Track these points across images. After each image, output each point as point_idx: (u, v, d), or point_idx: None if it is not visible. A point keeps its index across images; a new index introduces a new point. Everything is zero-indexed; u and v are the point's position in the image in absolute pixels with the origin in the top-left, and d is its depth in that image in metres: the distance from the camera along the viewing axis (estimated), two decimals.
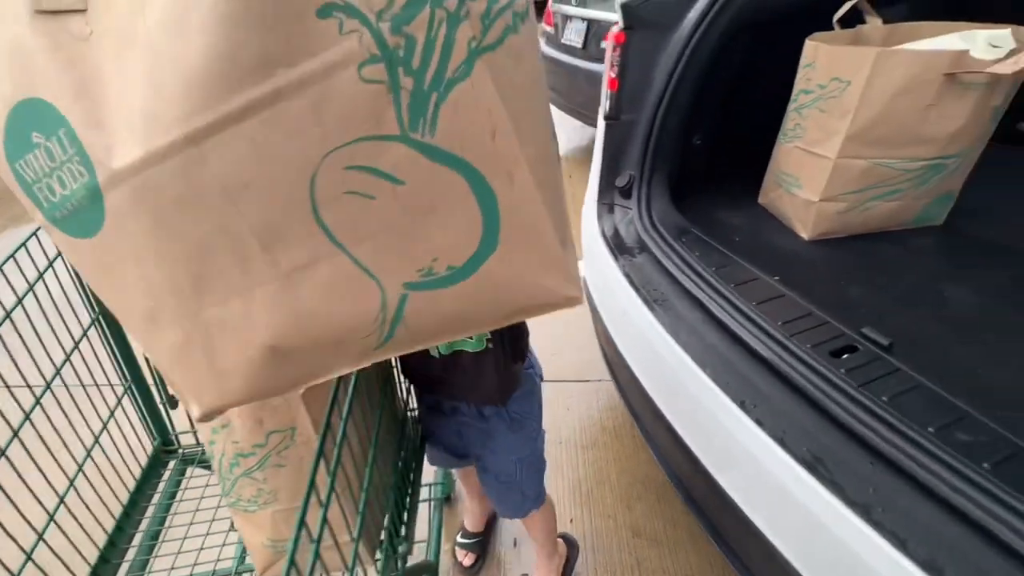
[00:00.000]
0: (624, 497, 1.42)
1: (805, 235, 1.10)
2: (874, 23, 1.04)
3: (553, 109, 4.03)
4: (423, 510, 1.17)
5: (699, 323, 0.91)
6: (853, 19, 1.07)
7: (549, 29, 3.39)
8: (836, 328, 0.84)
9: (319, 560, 0.44)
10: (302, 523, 0.40)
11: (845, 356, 0.79)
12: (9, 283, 0.69)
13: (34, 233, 0.74)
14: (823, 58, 0.95)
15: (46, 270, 0.77)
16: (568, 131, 3.88)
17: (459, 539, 1.28)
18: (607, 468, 1.50)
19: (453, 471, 1.30)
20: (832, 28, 1.04)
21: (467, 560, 1.24)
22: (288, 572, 0.36)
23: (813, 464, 0.69)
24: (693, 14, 1.05)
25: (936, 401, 0.71)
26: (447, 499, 1.38)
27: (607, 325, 1.18)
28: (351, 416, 0.56)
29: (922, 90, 0.87)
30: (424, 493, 1.20)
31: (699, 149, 1.26)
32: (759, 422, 0.75)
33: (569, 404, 1.71)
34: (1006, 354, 0.82)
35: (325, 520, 0.47)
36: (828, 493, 0.66)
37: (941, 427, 0.67)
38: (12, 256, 0.71)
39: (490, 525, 1.32)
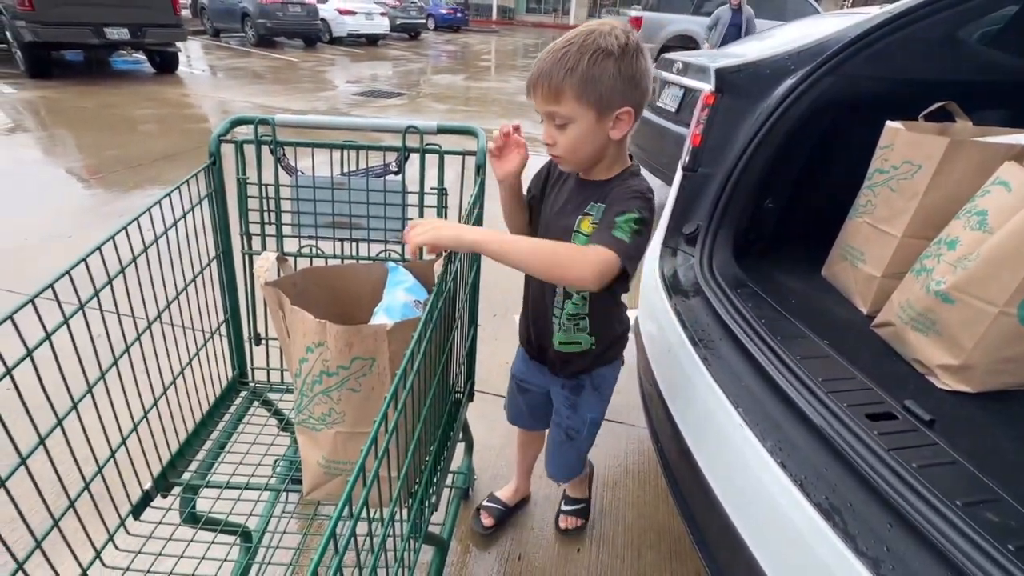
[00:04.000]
0: (636, 542, 1.41)
1: (864, 309, 1.11)
2: (964, 124, 1.08)
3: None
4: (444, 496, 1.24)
5: (739, 366, 0.95)
6: (942, 118, 1.11)
7: None
8: (878, 396, 0.85)
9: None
10: (375, 438, 0.48)
11: (882, 421, 0.80)
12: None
13: (175, 189, 0.93)
14: (900, 141, 1.00)
15: (184, 215, 0.96)
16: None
17: (485, 502, 1.37)
18: (624, 510, 1.49)
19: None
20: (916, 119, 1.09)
21: (487, 520, 1.35)
22: (353, 482, 0.43)
23: (830, 512, 0.70)
24: (782, 88, 1.14)
25: (969, 479, 0.71)
26: (465, 494, 1.43)
27: (649, 359, 1.22)
28: (422, 364, 0.65)
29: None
30: (447, 480, 1.27)
31: (770, 212, 1.31)
32: (783, 465, 0.78)
33: (599, 441, 1.72)
34: None
35: (387, 448, 0.54)
36: (840, 542, 0.67)
37: (970, 503, 0.66)
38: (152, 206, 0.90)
39: (519, 506, 1.42)
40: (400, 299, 0.83)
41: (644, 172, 0.91)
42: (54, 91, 5.92)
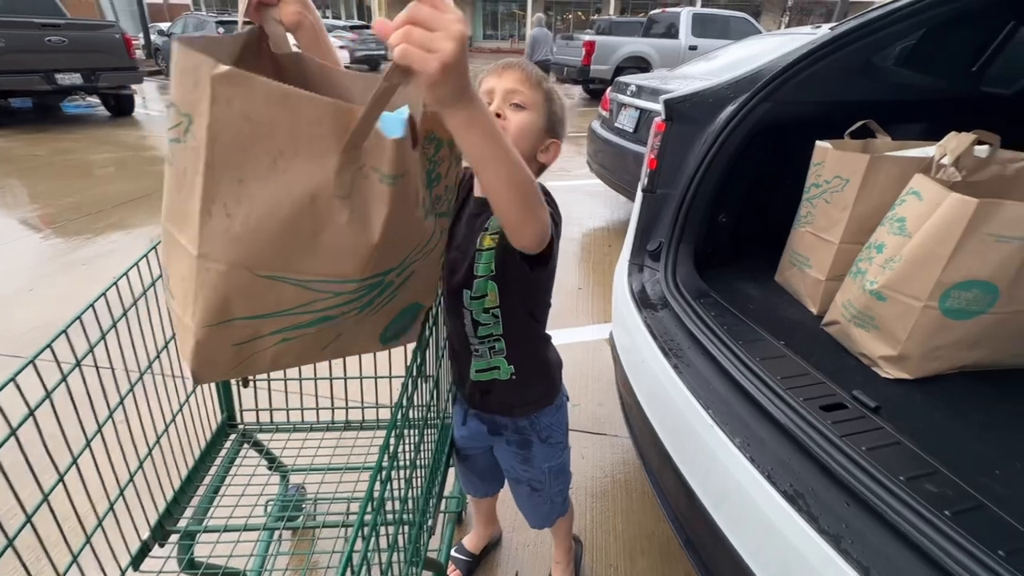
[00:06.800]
0: (628, 549, 1.46)
1: (814, 310, 1.22)
2: (883, 139, 1.21)
3: (600, 185, 4.24)
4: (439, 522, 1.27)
5: (707, 371, 1.03)
6: (865, 135, 1.24)
7: (604, 113, 3.74)
8: (830, 388, 0.94)
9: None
10: (379, 466, 0.52)
11: (834, 411, 0.89)
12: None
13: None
14: (829, 158, 1.12)
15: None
16: (612, 205, 4.14)
17: (454, 552, 1.36)
18: (614, 519, 1.54)
19: (467, 496, 1.39)
20: (842, 137, 1.22)
21: (454, 575, 1.32)
22: (363, 508, 0.44)
23: (795, 498, 0.78)
24: (724, 114, 1.26)
25: (911, 457, 0.80)
26: (459, 517, 1.46)
27: (626, 370, 1.30)
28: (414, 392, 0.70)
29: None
30: (441, 505, 1.30)
31: (724, 226, 1.42)
32: (752, 459, 0.85)
33: (584, 453, 1.78)
34: (985, 425, 0.90)
35: (390, 475, 0.56)
36: (805, 524, 0.74)
37: (911, 477, 0.75)
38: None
39: (486, 551, 1.40)
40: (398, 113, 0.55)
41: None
42: (1, 140, 5.75)
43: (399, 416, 0.59)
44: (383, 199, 0.54)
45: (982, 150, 0.99)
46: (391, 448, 0.55)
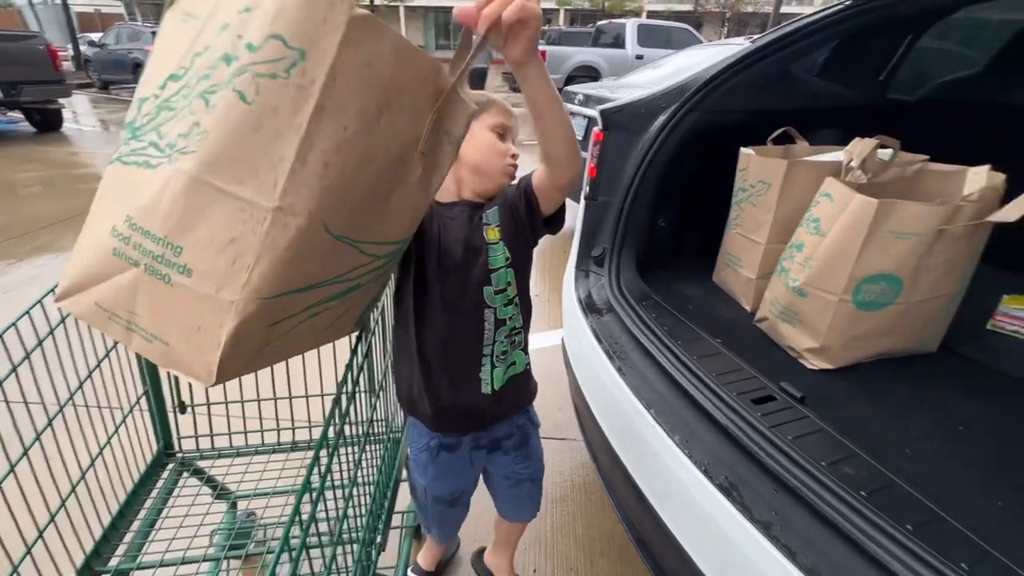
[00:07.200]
0: (588, 551, 1.47)
1: (747, 307, 1.29)
2: (802, 144, 1.30)
3: None
4: (394, 537, 1.25)
5: (649, 372, 1.06)
6: (786, 140, 1.33)
7: None
8: (761, 382, 0.99)
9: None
10: (308, 482, 0.51)
11: (764, 403, 0.93)
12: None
13: None
14: (752, 164, 1.19)
15: None
16: (568, 211, 4.21)
17: (410, 572, 1.33)
18: (573, 522, 1.56)
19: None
20: (765, 143, 1.30)
21: None
22: (289, 524, 0.44)
23: (729, 490, 0.81)
24: (656, 123, 1.31)
25: (832, 442, 0.85)
26: (417, 532, 1.44)
27: (576, 376, 1.32)
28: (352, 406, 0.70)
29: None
30: (396, 520, 1.27)
31: (663, 230, 1.48)
32: (690, 455, 0.89)
33: (545, 459, 1.79)
34: (899, 408, 0.97)
35: (322, 491, 0.55)
36: (739, 514, 0.78)
37: (832, 462, 0.80)
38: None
39: (443, 567, 1.38)
40: None
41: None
42: None
43: (330, 432, 0.58)
44: (448, 160, 0.57)
45: (885, 153, 1.08)
46: (321, 466, 0.54)
